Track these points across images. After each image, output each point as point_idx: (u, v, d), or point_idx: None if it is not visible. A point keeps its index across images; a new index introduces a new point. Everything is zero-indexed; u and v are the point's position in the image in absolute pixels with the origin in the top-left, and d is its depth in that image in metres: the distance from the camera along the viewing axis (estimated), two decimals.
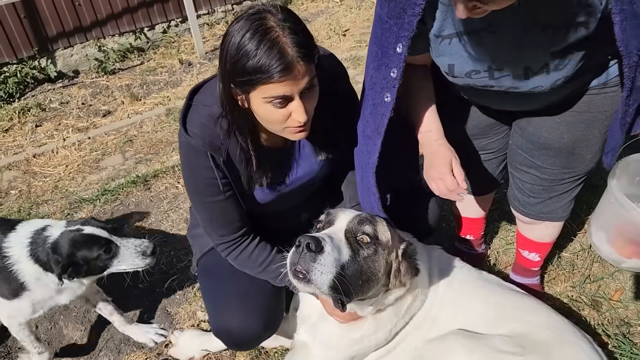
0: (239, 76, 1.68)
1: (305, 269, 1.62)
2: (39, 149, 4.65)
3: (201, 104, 1.92)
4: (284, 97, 1.70)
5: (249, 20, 1.64)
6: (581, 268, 2.73)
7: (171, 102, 5.11)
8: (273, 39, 1.61)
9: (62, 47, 5.93)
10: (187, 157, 1.94)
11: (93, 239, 2.27)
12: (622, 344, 2.32)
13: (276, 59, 1.61)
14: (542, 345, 1.90)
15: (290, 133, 1.84)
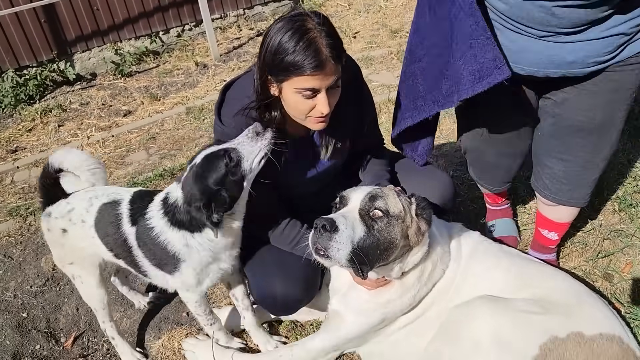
0: (276, 68, 1.94)
1: (324, 247, 1.86)
2: (64, 147, 4.82)
3: (233, 98, 2.18)
4: (313, 90, 1.96)
5: (291, 21, 1.92)
6: (593, 245, 2.91)
7: (190, 102, 5.30)
8: (311, 38, 1.88)
9: (81, 50, 6.12)
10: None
11: (209, 159, 2.05)
12: (634, 310, 2.50)
13: (312, 56, 1.87)
14: (562, 306, 2.07)
15: (312, 122, 2.11)
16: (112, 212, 2.25)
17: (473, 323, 2.07)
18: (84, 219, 2.29)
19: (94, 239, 2.30)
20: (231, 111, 2.16)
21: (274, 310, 2.42)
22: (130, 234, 2.21)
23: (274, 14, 7.14)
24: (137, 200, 2.27)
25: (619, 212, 3.08)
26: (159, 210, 2.14)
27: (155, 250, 2.18)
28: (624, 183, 3.26)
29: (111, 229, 2.25)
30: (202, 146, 3.61)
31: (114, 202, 2.28)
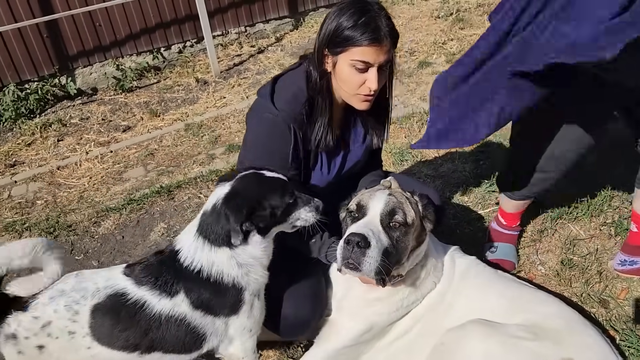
0: (336, 40, 2.10)
1: (357, 262, 1.94)
2: (63, 162, 4.83)
3: (285, 88, 2.27)
4: (366, 63, 2.10)
5: (352, 3, 2.10)
6: (589, 270, 2.89)
7: (189, 118, 5.32)
8: (372, 16, 2.07)
9: (82, 65, 6.15)
10: (269, 133, 2.23)
11: (278, 182, 2.00)
12: (629, 337, 2.48)
13: (371, 30, 2.05)
14: (553, 333, 2.08)
15: (358, 100, 2.24)
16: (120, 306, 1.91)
17: (465, 346, 2.10)
18: (71, 329, 1.89)
19: (90, 349, 1.90)
20: (285, 97, 2.25)
21: (286, 332, 2.40)
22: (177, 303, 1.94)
23: (275, 32, 7.19)
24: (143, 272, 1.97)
25: (614, 236, 3.07)
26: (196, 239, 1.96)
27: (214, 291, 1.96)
28: (619, 207, 3.25)
29: (130, 326, 1.90)
30: (119, 223, 3.62)
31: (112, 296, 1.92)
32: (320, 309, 2.40)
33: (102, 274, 2.01)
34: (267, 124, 2.24)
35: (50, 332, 1.88)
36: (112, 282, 1.96)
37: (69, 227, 3.86)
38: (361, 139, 2.55)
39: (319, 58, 2.21)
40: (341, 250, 1.98)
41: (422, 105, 4.79)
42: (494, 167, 3.80)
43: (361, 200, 2.15)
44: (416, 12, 7.19)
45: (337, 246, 2.05)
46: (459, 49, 5.85)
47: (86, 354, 1.91)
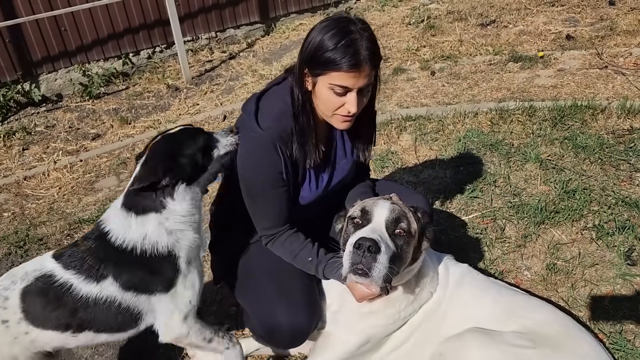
0: (315, 61, 2.04)
1: (367, 267, 1.90)
2: (29, 172, 4.64)
3: (270, 106, 2.20)
4: (345, 88, 2.04)
5: (336, 22, 2.04)
6: (574, 274, 2.94)
7: (162, 126, 5.19)
8: (352, 39, 1.99)
9: (47, 71, 5.94)
10: (256, 153, 2.16)
11: (185, 132, 2.03)
12: (617, 340, 2.52)
13: (350, 55, 1.98)
14: (551, 339, 2.09)
15: (338, 121, 2.19)
16: (48, 289, 1.92)
17: (464, 356, 2.10)
18: (4, 318, 1.89)
19: (28, 334, 1.92)
20: (270, 115, 2.18)
21: (282, 343, 2.35)
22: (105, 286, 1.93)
23: (246, 37, 7.12)
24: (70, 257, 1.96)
25: (596, 240, 3.13)
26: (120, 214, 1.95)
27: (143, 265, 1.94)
28: (599, 212, 3.32)
29: (58, 306, 1.92)
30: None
31: (40, 279, 1.93)
32: (316, 318, 2.34)
33: (32, 261, 2.04)
34: (252, 145, 2.17)
35: None
36: (40, 265, 1.98)
37: (40, 241, 3.69)
38: (348, 154, 2.50)
39: (300, 76, 2.15)
40: (350, 256, 1.94)
41: (400, 112, 4.81)
42: (474, 173, 3.84)
43: (365, 207, 2.13)
44: (387, 19, 7.24)
45: (339, 258, 2.02)
46: (432, 56, 5.91)
47: (25, 340, 1.92)
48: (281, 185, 2.22)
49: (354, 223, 2.11)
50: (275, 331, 2.25)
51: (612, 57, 5.31)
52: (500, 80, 5.23)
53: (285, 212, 2.28)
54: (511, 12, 6.87)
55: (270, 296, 2.26)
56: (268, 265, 2.37)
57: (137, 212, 1.94)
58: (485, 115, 4.53)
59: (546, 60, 5.44)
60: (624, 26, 5.94)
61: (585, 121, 4.24)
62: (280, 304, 2.22)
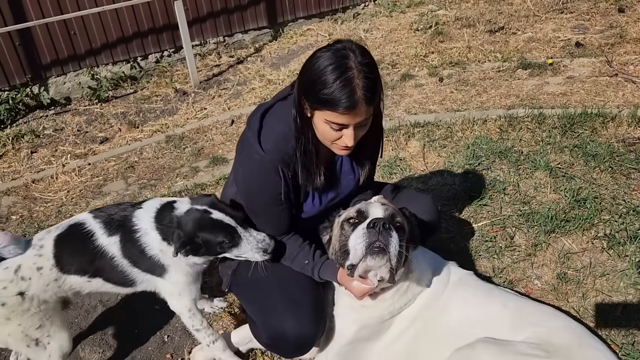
0: (312, 96, 2.00)
1: (385, 243, 1.98)
2: (38, 175, 4.64)
3: (273, 126, 2.19)
4: (341, 125, 2.02)
5: (336, 54, 1.97)
6: (585, 283, 2.91)
7: (170, 130, 5.19)
8: (349, 78, 1.93)
9: (56, 74, 5.96)
10: (258, 173, 2.18)
11: (219, 225, 2.24)
12: (630, 352, 2.49)
13: (346, 96, 1.93)
14: (563, 349, 2.07)
15: (337, 149, 2.17)
16: (77, 235, 2.26)
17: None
18: (39, 264, 2.19)
19: (57, 280, 2.24)
20: (273, 138, 2.18)
21: (287, 352, 2.35)
22: (110, 243, 2.27)
23: (254, 42, 7.12)
24: (103, 211, 2.34)
25: (607, 250, 3.10)
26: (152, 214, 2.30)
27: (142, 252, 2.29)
28: (610, 221, 3.29)
29: (82, 251, 2.25)
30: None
31: (73, 226, 2.29)
32: (322, 328, 2.35)
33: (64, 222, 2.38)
34: (255, 165, 2.19)
35: (23, 275, 2.15)
36: (76, 216, 2.35)
37: None
38: (356, 170, 2.48)
39: (299, 104, 2.11)
40: (365, 237, 2.00)
41: (408, 118, 4.79)
42: (482, 180, 3.82)
43: (360, 208, 2.21)
44: (395, 25, 7.23)
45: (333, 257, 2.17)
46: (440, 62, 5.89)
47: (55, 286, 2.23)
48: (281, 204, 2.25)
49: (351, 223, 2.16)
50: (281, 341, 2.25)
51: (622, 64, 5.28)
52: (509, 87, 5.21)
53: (285, 226, 2.35)
54: (520, 18, 6.85)
55: (278, 306, 2.27)
56: (276, 275, 2.37)
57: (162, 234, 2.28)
58: (494, 122, 4.51)
59: (555, 67, 5.42)
60: (634, 34, 5.91)
61: (595, 129, 4.21)
62: (287, 314, 2.23)
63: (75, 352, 2.89)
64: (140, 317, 3.05)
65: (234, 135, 4.99)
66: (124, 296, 3.20)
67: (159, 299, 2.87)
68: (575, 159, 3.90)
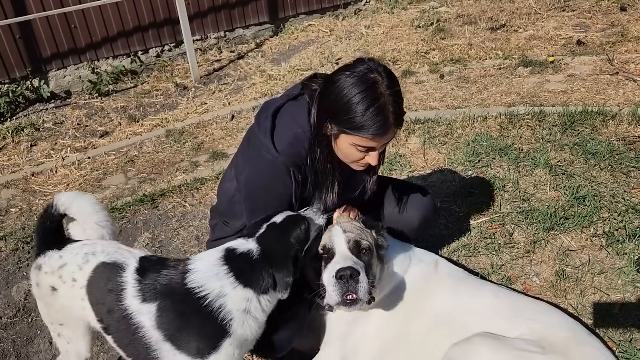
0: (341, 121, 2.02)
1: (354, 292, 2.05)
2: (37, 168, 4.64)
3: (286, 127, 2.18)
4: (369, 148, 2.07)
5: (363, 80, 1.98)
6: (584, 281, 2.91)
7: (170, 124, 5.18)
8: (381, 106, 1.97)
9: (56, 68, 5.96)
10: (268, 173, 2.17)
11: (291, 219, 2.09)
12: (627, 349, 2.49)
13: (379, 124, 1.98)
14: (560, 345, 2.07)
15: (355, 166, 2.22)
16: (111, 277, 1.96)
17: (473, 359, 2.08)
18: (75, 277, 2.00)
19: (83, 301, 1.99)
20: (286, 139, 2.17)
21: (263, 351, 2.35)
22: (142, 311, 1.90)
23: (255, 37, 7.11)
24: (147, 270, 1.98)
25: (606, 247, 3.10)
26: (218, 267, 1.94)
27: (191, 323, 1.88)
28: (609, 219, 3.29)
29: (108, 298, 1.95)
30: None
31: (115, 265, 1.99)
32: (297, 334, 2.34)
33: (126, 248, 2.11)
34: (265, 164, 2.18)
35: (61, 275, 2.02)
36: (127, 253, 2.05)
37: None
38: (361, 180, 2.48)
39: (320, 125, 2.11)
40: (337, 287, 2.06)
41: (408, 115, 4.77)
42: (482, 177, 3.82)
43: (326, 244, 2.20)
44: (396, 21, 7.22)
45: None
46: (441, 59, 5.88)
47: (79, 306, 2.01)
48: (286, 203, 2.24)
49: (319, 258, 2.21)
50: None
51: (623, 63, 5.28)
52: (510, 84, 5.21)
53: None
54: (521, 16, 6.84)
55: None
56: None
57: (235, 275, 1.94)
58: (495, 119, 4.51)
59: (556, 65, 5.41)
60: (636, 32, 5.90)
61: (596, 127, 4.21)
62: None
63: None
64: None
65: (234, 130, 4.98)
66: None
67: None
68: (575, 156, 3.90)
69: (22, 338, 2.97)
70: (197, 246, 3.51)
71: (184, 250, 3.50)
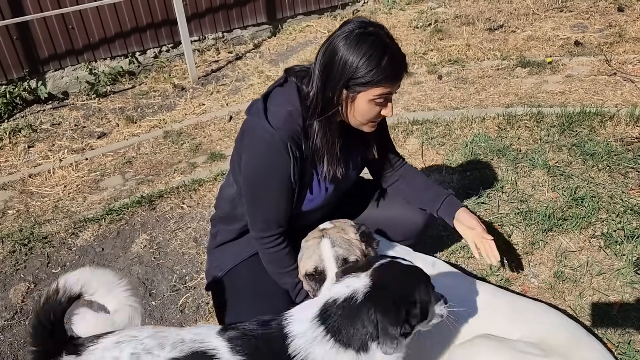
0: (358, 81, 2.04)
1: None
2: (35, 169, 4.63)
3: (278, 105, 2.18)
4: (388, 96, 2.10)
5: (365, 38, 2.01)
6: (582, 282, 2.91)
7: (168, 125, 5.17)
8: (392, 53, 2.03)
9: (53, 69, 5.94)
10: (266, 152, 2.15)
11: (420, 272, 1.74)
12: (626, 351, 2.49)
13: (395, 71, 2.06)
14: (562, 348, 2.07)
15: (369, 127, 2.25)
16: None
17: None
18: None
19: None
20: (281, 115, 2.16)
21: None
22: None
23: (253, 38, 7.10)
24: (243, 346, 1.58)
25: (604, 249, 3.10)
26: (315, 329, 1.60)
27: None
28: (607, 220, 3.29)
29: None
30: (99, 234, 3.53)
31: (197, 354, 1.53)
32: None
33: (187, 329, 1.66)
34: (263, 143, 2.15)
35: None
36: (202, 337, 1.58)
37: (45, 239, 3.68)
38: (356, 161, 2.48)
39: (336, 96, 2.10)
40: None
41: (406, 116, 4.79)
42: (480, 178, 3.81)
43: (317, 265, 2.17)
44: (394, 22, 7.22)
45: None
46: (439, 59, 5.88)
47: None
48: (288, 186, 2.20)
49: (311, 279, 2.21)
50: None
51: (621, 64, 5.28)
52: (508, 85, 5.21)
53: (284, 215, 2.28)
54: (519, 17, 6.85)
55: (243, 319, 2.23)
56: (253, 290, 2.36)
57: (335, 337, 1.58)
58: (493, 120, 4.51)
59: (554, 66, 5.42)
60: (633, 33, 5.91)
61: (594, 128, 4.21)
62: None
63: None
64: None
65: (232, 131, 4.97)
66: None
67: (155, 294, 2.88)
68: (573, 157, 3.90)
69: (19, 341, 2.95)
70: (196, 248, 3.50)
71: (182, 252, 3.49)
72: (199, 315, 3.02)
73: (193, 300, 3.11)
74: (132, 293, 1.68)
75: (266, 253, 2.34)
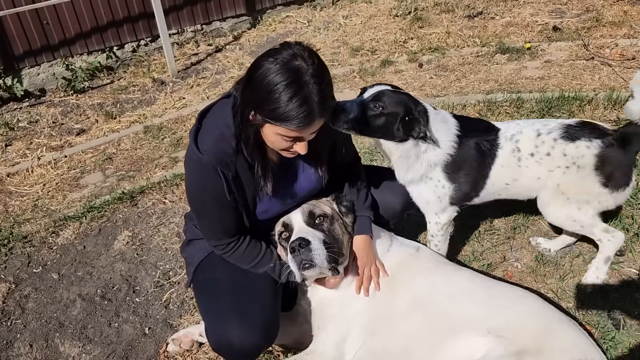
0: (265, 111, 1.92)
1: (309, 259, 2.17)
2: (12, 168, 4.56)
3: (211, 126, 2.13)
4: (295, 138, 1.99)
5: (287, 68, 1.87)
6: (563, 265, 2.95)
7: (148, 120, 5.12)
8: (306, 96, 1.87)
9: (29, 65, 5.84)
10: (198, 173, 2.15)
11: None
12: (604, 331, 2.53)
13: (303, 115, 1.88)
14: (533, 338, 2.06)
15: (287, 154, 2.14)
16: None
17: None
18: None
19: None
20: (210, 138, 2.11)
21: (232, 358, 2.30)
22: None
23: (233, 30, 7.04)
24: None
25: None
26: None
27: None
28: None
29: None
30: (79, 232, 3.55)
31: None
32: (269, 341, 2.31)
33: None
34: (194, 165, 2.15)
35: None
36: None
37: (25, 238, 3.64)
38: (311, 168, 2.40)
39: (245, 115, 2.01)
40: (293, 260, 2.19)
41: None
42: None
43: (284, 221, 2.38)
44: (374, 11, 7.19)
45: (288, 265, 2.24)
46: (419, 48, 5.88)
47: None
48: (226, 204, 2.19)
49: (283, 237, 2.37)
50: (225, 347, 2.22)
51: (599, 48, 5.33)
52: (488, 72, 5.23)
53: (233, 225, 2.28)
54: (498, 3, 6.86)
55: (226, 311, 2.22)
56: (230, 279, 2.35)
57: None
58: (473, 107, 4.53)
59: (533, 51, 5.44)
60: (610, 17, 5.96)
61: (573, 112, 4.25)
62: (233, 322, 2.18)
63: (55, 347, 2.86)
64: (121, 310, 3.03)
65: None
66: (102, 288, 3.18)
67: (139, 290, 2.85)
68: None
69: (1, 342, 2.92)
70: (179, 242, 3.47)
71: (165, 248, 3.46)
72: (184, 310, 3.01)
73: (177, 295, 3.10)
74: None
75: (227, 257, 2.36)
